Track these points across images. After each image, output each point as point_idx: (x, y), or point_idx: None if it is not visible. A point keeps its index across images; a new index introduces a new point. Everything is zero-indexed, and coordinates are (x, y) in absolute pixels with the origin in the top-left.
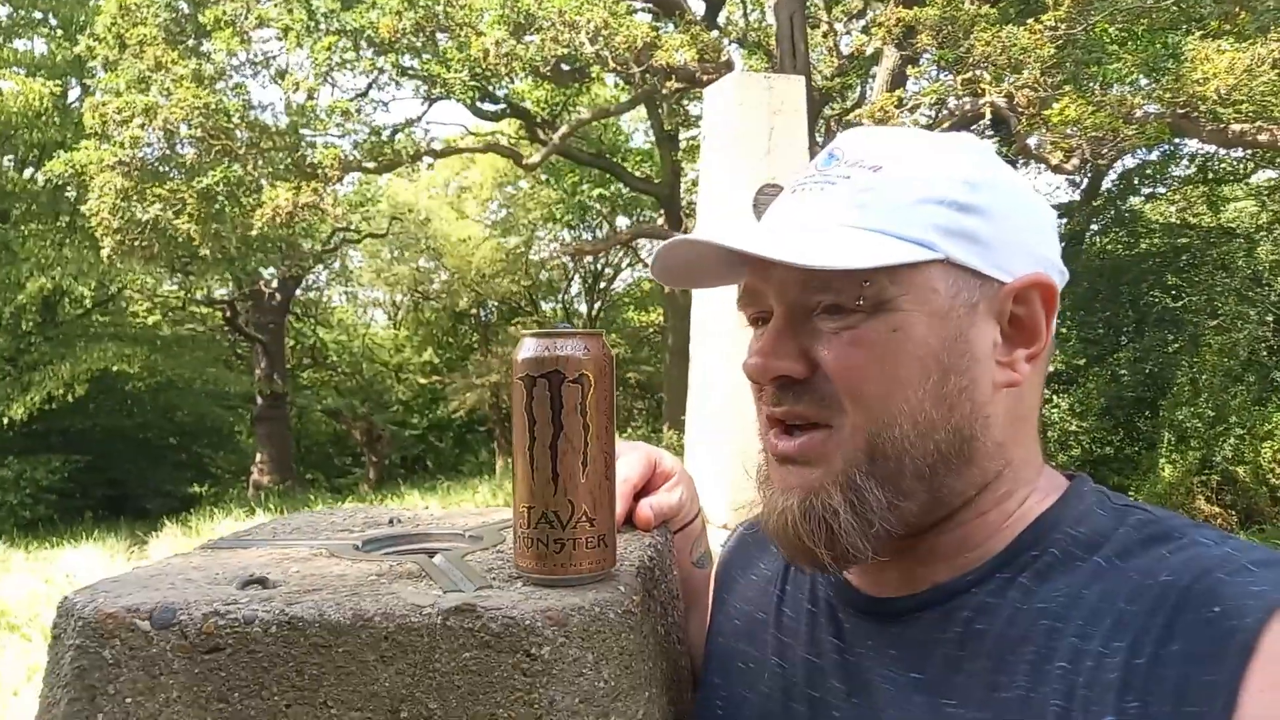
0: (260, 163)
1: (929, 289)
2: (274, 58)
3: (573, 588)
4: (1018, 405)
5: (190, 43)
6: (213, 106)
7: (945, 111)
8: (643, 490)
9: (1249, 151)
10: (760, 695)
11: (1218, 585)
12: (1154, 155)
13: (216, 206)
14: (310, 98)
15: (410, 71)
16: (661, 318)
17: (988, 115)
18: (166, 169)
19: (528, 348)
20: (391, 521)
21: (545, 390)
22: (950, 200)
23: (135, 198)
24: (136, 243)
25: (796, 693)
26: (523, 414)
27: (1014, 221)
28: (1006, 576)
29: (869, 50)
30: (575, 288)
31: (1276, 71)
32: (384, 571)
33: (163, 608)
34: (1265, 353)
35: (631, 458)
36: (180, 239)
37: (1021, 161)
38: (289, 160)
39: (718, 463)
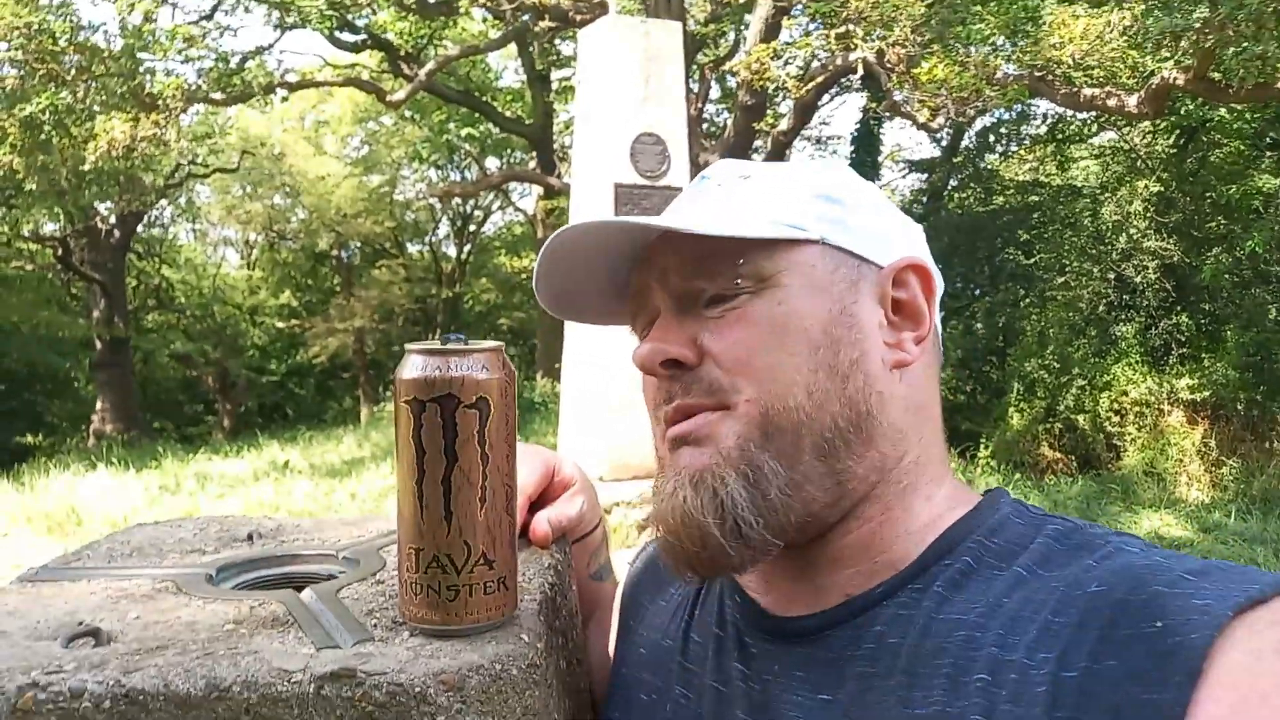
0: (92, 89)
1: (807, 265)
2: None
3: (468, 638)
4: (914, 392)
5: None
6: (36, 26)
7: (817, 64)
8: (539, 501)
9: (1093, 114)
10: None
11: (1156, 598)
12: (1009, 115)
13: (43, 136)
14: (148, 19)
15: None
16: (534, 263)
17: (859, 70)
18: None
19: (414, 366)
20: (251, 536)
21: (436, 417)
22: (819, 194)
23: None
24: None
25: None
26: (409, 444)
27: (882, 219)
28: (919, 588)
29: None
30: (443, 230)
31: (1125, 39)
32: (243, 617)
33: None
34: (1105, 308)
35: (526, 466)
36: (2, 171)
37: (889, 117)
38: (125, 88)
39: (596, 415)
